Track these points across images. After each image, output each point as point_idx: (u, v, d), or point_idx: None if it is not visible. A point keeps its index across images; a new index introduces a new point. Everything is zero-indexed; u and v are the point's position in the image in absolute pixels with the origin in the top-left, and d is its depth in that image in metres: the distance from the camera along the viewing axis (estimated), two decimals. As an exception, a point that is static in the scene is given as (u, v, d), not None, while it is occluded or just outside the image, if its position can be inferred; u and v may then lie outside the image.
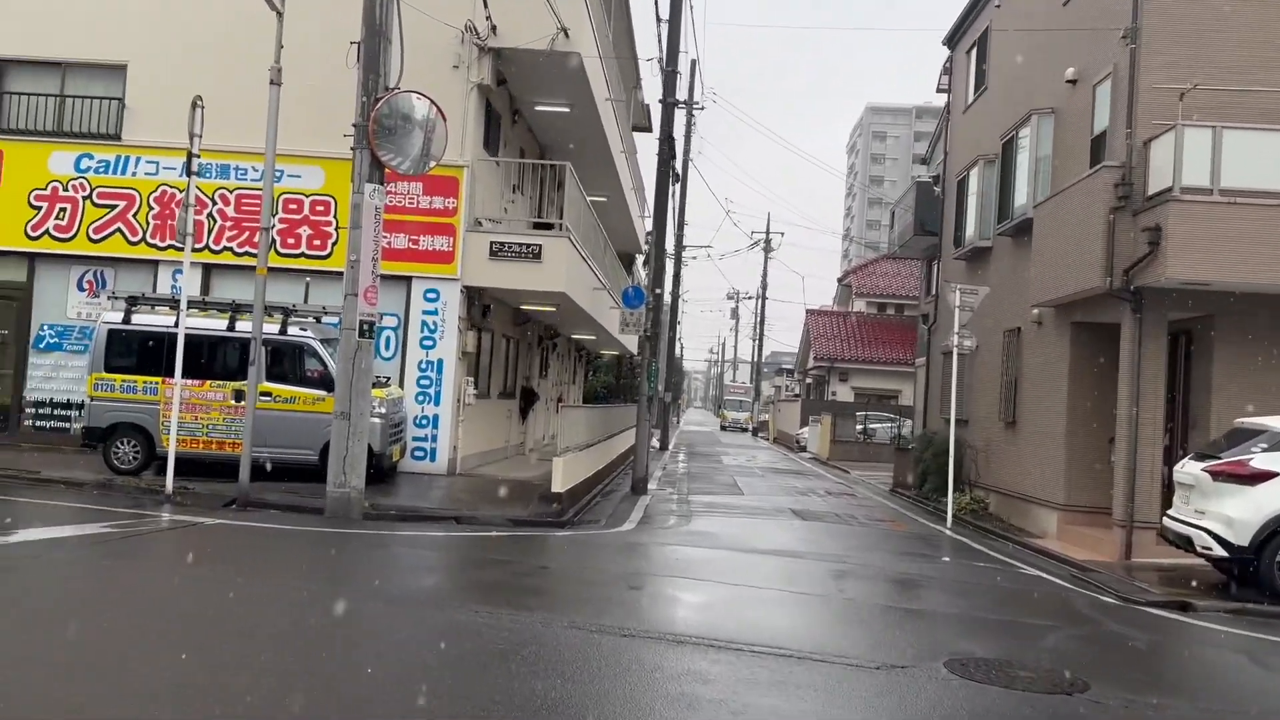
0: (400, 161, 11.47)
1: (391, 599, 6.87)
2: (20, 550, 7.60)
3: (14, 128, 15.39)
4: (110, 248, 15.18)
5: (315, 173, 15.18)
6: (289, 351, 13.31)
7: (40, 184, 15.16)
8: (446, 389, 15.09)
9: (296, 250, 15.15)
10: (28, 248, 15.19)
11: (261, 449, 12.55)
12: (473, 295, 15.74)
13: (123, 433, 13.04)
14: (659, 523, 13.23)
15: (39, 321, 15.39)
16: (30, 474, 12.76)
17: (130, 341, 13.23)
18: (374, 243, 11.13)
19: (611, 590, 8.15)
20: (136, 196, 15.20)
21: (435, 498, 13.19)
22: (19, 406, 15.31)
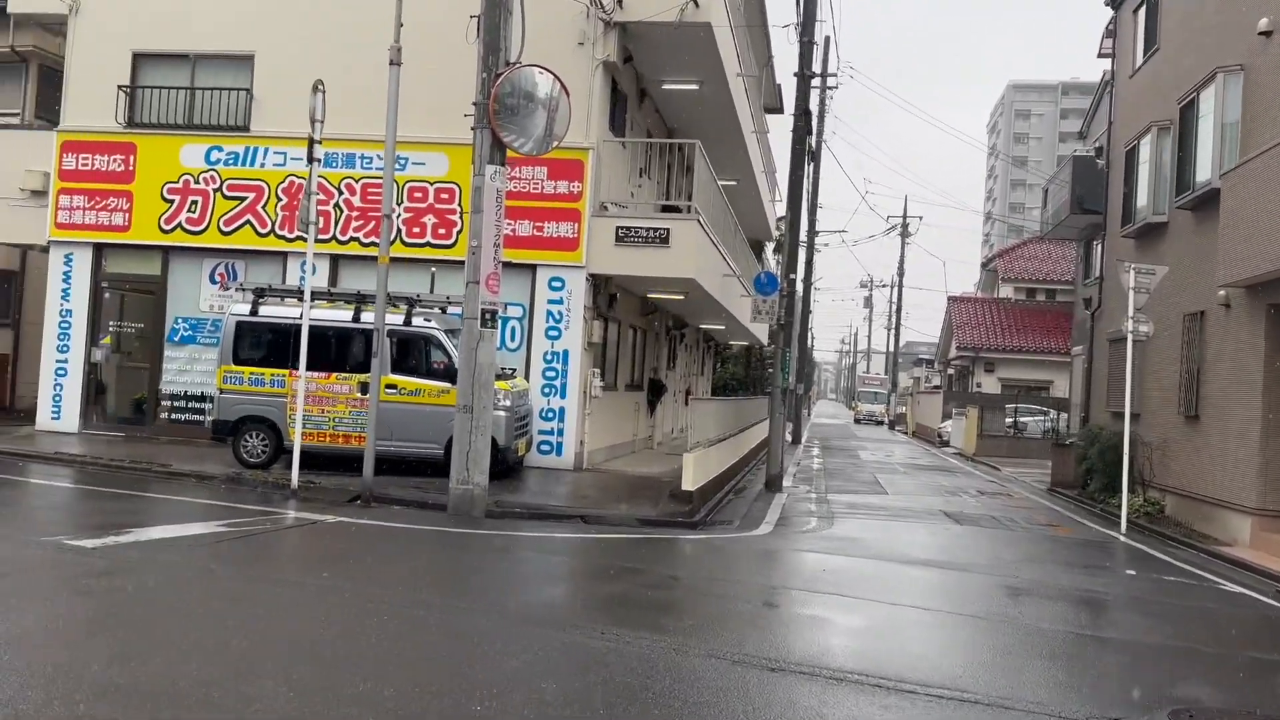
0: (523, 142, 10.86)
1: (510, 614, 6.18)
2: (129, 552, 7.27)
3: (147, 121, 15.55)
4: (240, 240, 15.18)
5: (439, 159, 14.79)
6: (413, 343, 12.93)
7: (172, 177, 15.27)
8: (572, 381, 14.48)
9: (421, 239, 14.80)
10: (161, 241, 15.34)
11: (386, 442, 12.20)
12: (598, 283, 15.08)
13: (251, 426, 12.91)
14: (798, 525, 12.26)
15: (173, 315, 15.54)
16: (162, 467, 12.78)
17: (257, 334, 13.11)
18: (495, 227, 10.54)
19: (751, 608, 7.27)
20: (265, 188, 15.14)
21: (561, 495, 12.58)
22: (156, 399, 15.50)
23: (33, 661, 4.58)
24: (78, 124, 15.59)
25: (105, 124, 15.47)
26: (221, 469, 12.65)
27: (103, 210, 15.40)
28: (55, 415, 15.52)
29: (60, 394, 15.52)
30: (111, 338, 15.73)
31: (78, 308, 15.55)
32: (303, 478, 11.60)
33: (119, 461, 13.05)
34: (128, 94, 15.53)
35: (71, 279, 15.57)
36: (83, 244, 15.53)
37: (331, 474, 12.35)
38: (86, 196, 15.43)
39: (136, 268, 15.72)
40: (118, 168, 15.39)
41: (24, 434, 15.13)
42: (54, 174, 15.51)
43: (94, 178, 15.43)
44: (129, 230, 15.36)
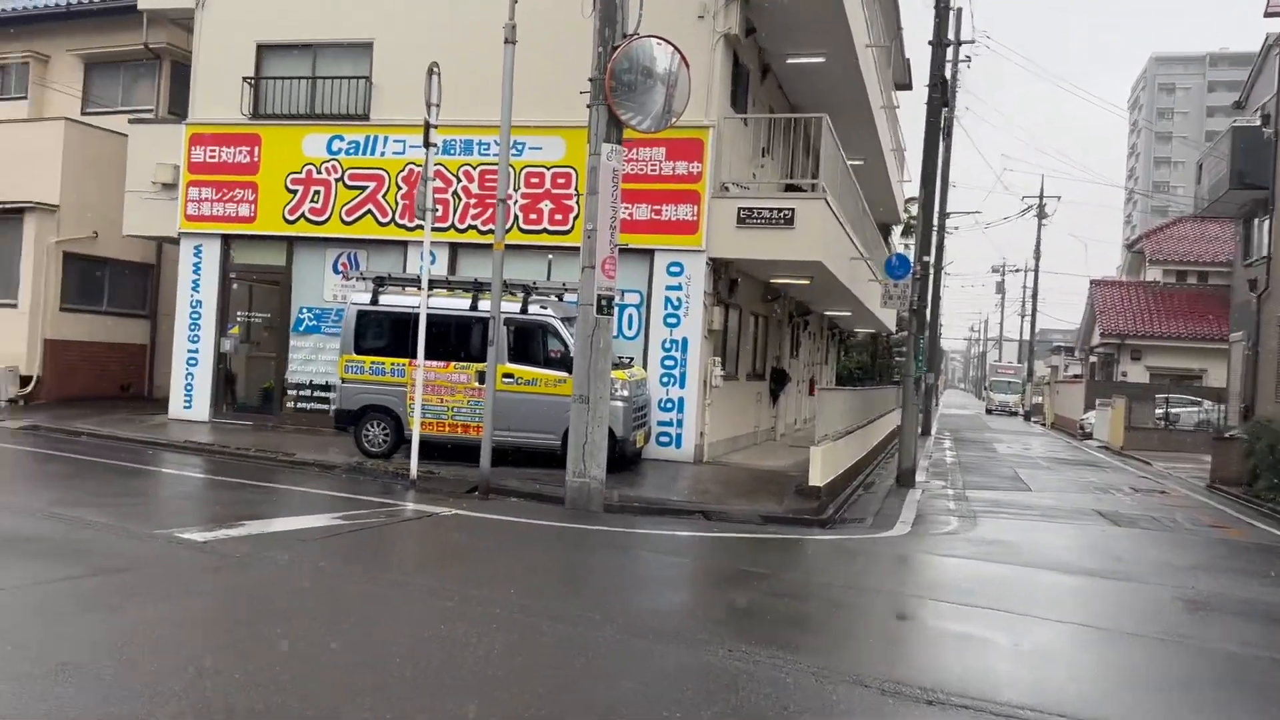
0: (640, 119, 10.35)
1: (628, 625, 5.68)
2: (240, 547, 7.09)
3: (271, 112, 15.70)
4: (362, 229, 15.17)
5: (556, 143, 14.42)
6: (530, 331, 12.61)
7: (296, 167, 15.37)
8: (692, 370, 13.93)
9: (538, 226, 14.48)
10: (286, 231, 15.47)
11: (503, 433, 11.95)
12: (719, 268, 14.47)
13: (372, 415, 12.84)
14: (936, 525, 11.41)
15: (298, 305, 15.67)
16: (286, 457, 12.83)
17: (378, 323, 13.02)
18: (612, 209, 10.06)
19: (895, 623, 6.58)
20: (385, 177, 15.08)
21: (681, 489, 12.06)
22: (282, 389, 15.68)
23: (105, 675, 4.29)
24: (205, 117, 15.87)
25: (231, 116, 15.70)
26: (344, 458, 12.63)
27: (229, 202, 15.64)
28: (187, 404, 15.88)
29: (191, 383, 15.88)
30: (240, 328, 15.99)
31: (207, 298, 15.86)
32: (422, 468, 11.44)
33: (245, 450, 13.18)
34: (252, 85, 15.71)
35: (201, 270, 15.89)
36: (211, 235, 15.82)
37: (451, 464, 12.17)
38: (214, 188, 15.70)
39: (262, 258, 15.93)
40: (243, 159, 15.59)
41: (157, 422, 15.53)
42: (183, 166, 15.84)
43: (221, 169, 15.68)
44: (255, 221, 15.56)
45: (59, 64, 20.16)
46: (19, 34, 20.33)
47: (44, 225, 17.33)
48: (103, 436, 14.13)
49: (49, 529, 7.26)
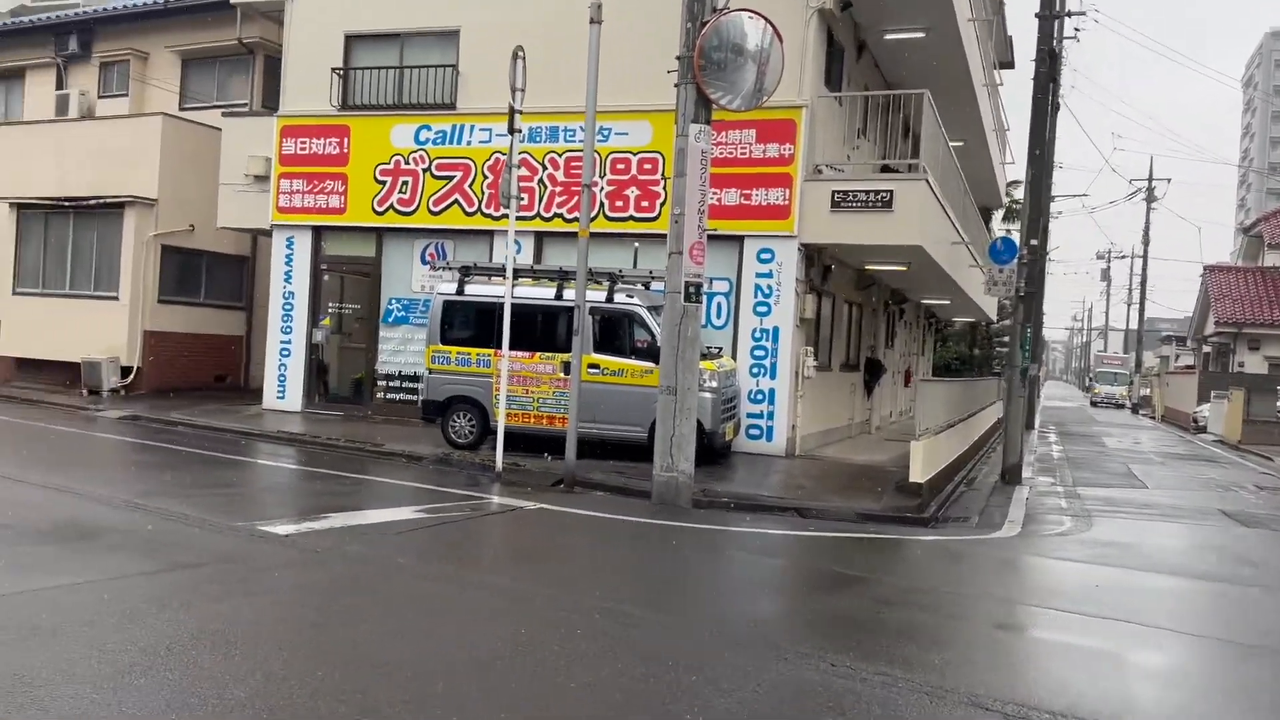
0: (730, 98, 9.90)
1: (721, 635, 5.29)
2: (320, 541, 6.93)
3: (360, 103, 15.71)
4: (449, 219, 15.06)
5: (642, 128, 14.06)
6: (616, 320, 12.30)
7: (384, 158, 15.35)
8: (783, 360, 13.43)
9: (624, 213, 14.14)
10: (375, 222, 15.47)
11: (589, 424, 11.70)
12: (811, 254, 13.93)
13: (458, 406, 12.70)
14: (1048, 526, 10.71)
15: (387, 295, 15.67)
16: (375, 448, 12.80)
17: (464, 313, 12.87)
18: (700, 192, 9.64)
19: (1014, 636, 6.04)
20: (471, 166, 14.94)
21: (773, 484, 11.60)
22: (372, 379, 15.71)
23: (172, 678, 4.09)
24: (295, 109, 15.98)
25: (321, 108, 15.76)
26: (430, 449, 12.52)
27: (320, 193, 15.71)
28: (280, 395, 16.04)
29: (284, 374, 16.03)
30: (331, 319, 16.08)
31: (299, 290, 15.99)
32: (508, 460, 11.26)
33: (334, 441, 13.19)
34: (340, 76, 15.74)
35: (293, 262, 16.02)
36: (302, 227, 15.92)
37: (536, 456, 11.96)
38: (305, 180, 15.80)
39: (353, 249, 15.97)
40: (333, 150, 15.64)
41: (252, 413, 15.72)
42: (275, 159, 15.97)
43: (311, 161, 15.77)
44: (345, 212, 15.60)
45: (158, 61, 20.63)
46: (120, 32, 20.88)
47: (143, 219, 17.72)
48: (198, 427, 14.34)
49: (132, 521, 7.22)
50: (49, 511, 7.45)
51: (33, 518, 7.19)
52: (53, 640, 4.42)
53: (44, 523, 7.04)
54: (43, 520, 7.11)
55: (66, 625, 4.62)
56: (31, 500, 7.89)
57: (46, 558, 5.99)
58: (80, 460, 10.93)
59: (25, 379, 18.69)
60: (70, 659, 4.18)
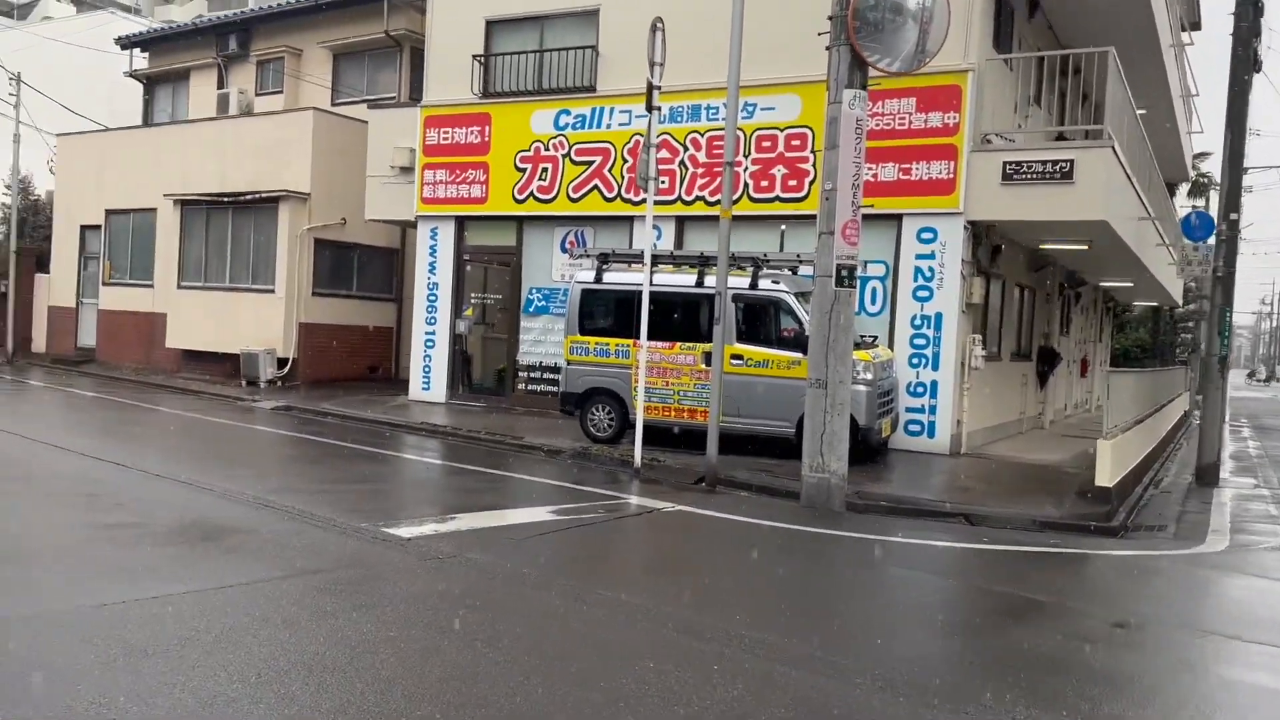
0: (889, 61, 8.98)
1: (886, 676, 4.50)
2: (442, 545, 6.50)
3: (500, 90, 15.43)
4: (588, 206, 14.61)
5: (790, 102, 13.19)
6: (760, 308, 11.53)
7: (524, 145, 15.03)
8: (947, 349, 12.33)
9: (769, 194, 13.32)
10: (515, 211, 15.19)
11: (732, 419, 11.02)
12: (979, 233, 12.75)
13: (597, 399, 12.24)
14: (1262, 538, 9.31)
15: (528, 285, 15.37)
16: (514, 440, 12.49)
17: (601, 302, 12.39)
18: (854, 165, 8.76)
19: (1248, 687, 4.99)
20: (611, 150, 14.43)
21: (935, 486, 10.61)
22: (514, 370, 15.47)
23: (249, 711, 3.64)
24: (438, 98, 15.86)
25: (462, 96, 15.58)
26: (569, 443, 12.13)
27: (462, 183, 15.55)
28: (425, 386, 16.02)
29: (429, 365, 16.00)
30: (474, 309, 15.93)
31: (443, 281, 15.90)
32: (647, 455, 10.72)
33: (475, 433, 12.97)
34: (481, 63, 15.51)
35: (437, 253, 15.95)
36: (445, 217, 15.81)
37: (677, 451, 11.39)
38: (447, 170, 15.67)
39: (494, 239, 15.75)
40: (475, 139, 15.44)
41: (397, 404, 15.75)
42: (418, 149, 15.91)
43: (453, 151, 15.62)
44: (486, 202, 15.38)
45: (311, 57, 21.08)
46: (276, 30, 21.45)
47: (296, 213, 18.07)
48: (345, 418, 14.42)
49: (257, 520, 7.01)
50: (180, 509, 7.34)
51: (162, 517, 7.07)
52: (142, 662, 4.08)
53: (171, 521, 6.90)
54: (171, 519, 6.98)
55: (159, 644, 4.29)
56: (167, 497, 7.83)
57: (163, 562, 5.77)
58: (225, 453, 11.01)
59: (191, 370, 19.45)
60: (153, 686, 3.82)
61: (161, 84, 24.21)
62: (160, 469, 8.93)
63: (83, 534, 6.43)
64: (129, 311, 20.89)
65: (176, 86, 23.77)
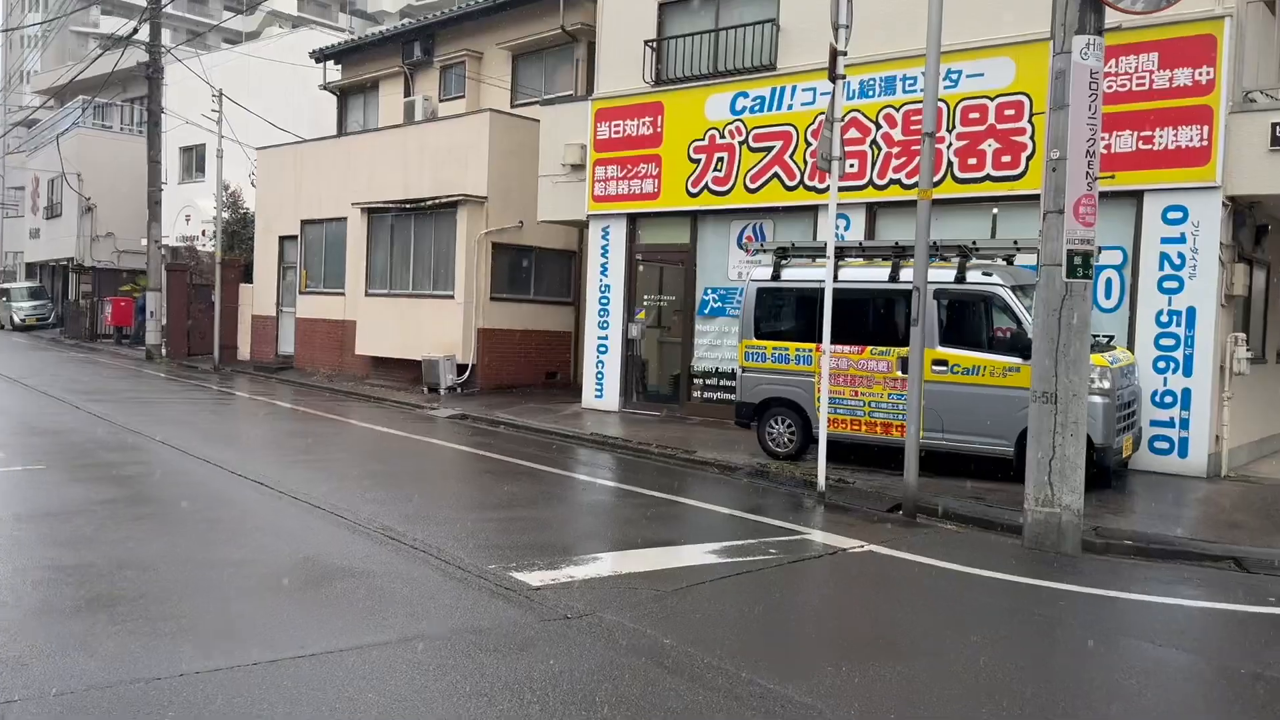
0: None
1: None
2: (573, 599, 5.43)
3: (673, 76, 14.37)
4: (767, 196, 13.30)
5: (1001, 67, 11.41)
6: (968, 305, 9.92)
7: (698, 134, 13.89)
8: (1202, 351, 10.22)
9: (978, 173, 11.57)
10: (689, 206, 14.07)
11: (935, 435, 9.55)
12: (1240, 211, 10.56)
13: (776, 410, 10.95)
14: None
15: (702, 285, 14.22)
16: (686, 455, 11.40)
17: (780, 301, 11.12)
18: (1088, 126, 7.06)
19: None
20: (793, 133, 13.07)
21: (1192, 519, 8.66)
22: (689, 377, 14.35)
23: None
24: (609, 90, 15.00)
25: (633, 86, 14.64)
26: (746, 459, 10.93)
27: (634, 178, 14.60)
28: (598, 393, 15.20)
29: (602, 372, 15.16)
30: (646, 312, 14.95)
31: (614, 283, 15.01)
32: (834, 474, 9.40)
33: (646, 446, 11.97)
34: (653, 48, 14.51)
35: (608, 253, 15.08)
36: (617, 215, 14.92)
37: (870, 470, 10.00)
38: (619, 165, 14.77)
39: (667, 237, 14.71)
40: (646, 131, 14.46)
41: (570, 412, 15.00)
42: (589, 145, 15.10)
43: (624, 145, 14.70)
44: (658, 197, 14.36)
45: (491, 59, 20.82)
46: (457, 34, 21.35)
47: (474, 217, 17.72)
48: (517, 427, 13.80)
49: (375, 559, 6.20)
50: (298, 543, 6.66)
51: (275, 551, 6.41)
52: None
53: (281, 560, 6.21)
54: (282, 557, 6.29)
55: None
56: (292, 526, 7.20)
57: (247, 618, 5.01)
58: (378, 470, 10.48)
59: (379, 376, 19.55)
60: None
61: (354, 95, 24.77)
62: (302, 490, 8.39)
63: (179, 572, 5.81)
64: (322, 319, 21.32)
65: (367, 96, 24.22)
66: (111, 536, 6.56)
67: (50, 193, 40.80)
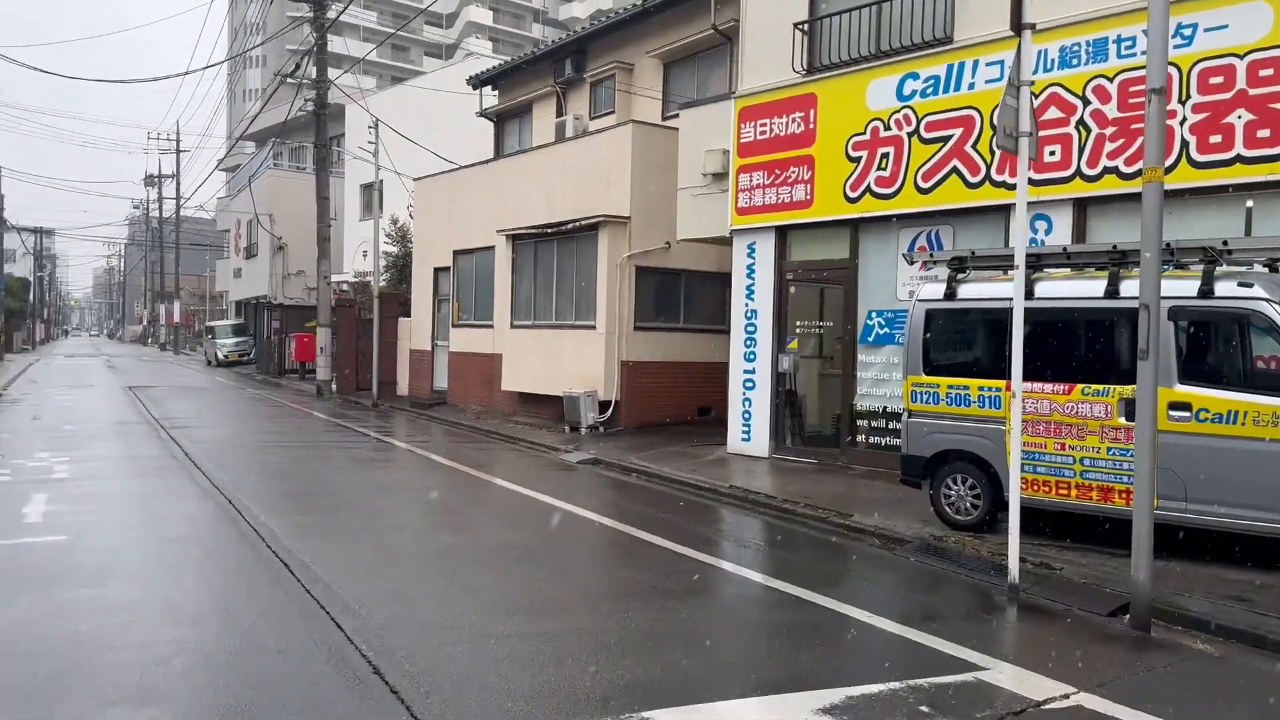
0: None
1: None
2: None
3: (829, 62, 12.20)
4: (944, 196, 10.90)
5: (1254, 15, 8.65)
6: (1218, 327, 7.35)
7: (858, 127, 11.67)
8: None
9: (1224, 153, 8.80)
10: (847, 214, 11.84)
11: (1175, 505, 7.09)
12: None
13: (954, 466, 8.61)
14: None
15: (865, 308, 11.91)
16: (840, 519, 9.21)
17: (958, 325, 8.81)
18: None
19: None
20: (975, 118, 10.64)
21: None
22: (851, 417, 12.03)
23: None
24: (754, 85, 13.01)
25: (782, 78, 12.60)
26: (915, 527, 8.68)
27: (782, 185, 12.52)
28: (745, 435, 13.12)
29: (749, 410, 13.08)
30: (799, 341, 12.77)
31: (761, 307, 12.93)
32: (1034, 554, 7.23)
33: (792, 505, 9.86)
34: (804, 31, 12.42)
35: (755, 273, 13.04)
36: (764, 229, 12.86)
37: (1082, 548, 7.58)
38: (765, 171, 12.73)
39: (822, 251, 12.51)
40: (796, 129, 12.37)
41: (712, 458, 13.01)
42: (732, 150, 13.14)
43: (771, 146, 12.65)
44: (811, 205, 12.21)
45: (641, 70, 19.30)
46: (606, 46, 20.02)
47: (615, 239, 16.12)
48: (649, 476, 11.99)
49: (373, 702, 4.46)
50: (304, 668, 5.03)
51: (277, 681, 4.78)
52: None
53: (272, 698, 4.57)
54: (279, 691, 4.66)
55: None
56: (320, 635, 5.61)
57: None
58: (464, 546, 8.84)
59: (525, 412, 18.26)
60: None
61: (509, 120, 23.93)
62: (334, 574, 6.83)
63: None
64: (472, 353, 20.31)
65: (522, 120, 23.30)
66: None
67: (249, 233, 42.77)
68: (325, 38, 26.27)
